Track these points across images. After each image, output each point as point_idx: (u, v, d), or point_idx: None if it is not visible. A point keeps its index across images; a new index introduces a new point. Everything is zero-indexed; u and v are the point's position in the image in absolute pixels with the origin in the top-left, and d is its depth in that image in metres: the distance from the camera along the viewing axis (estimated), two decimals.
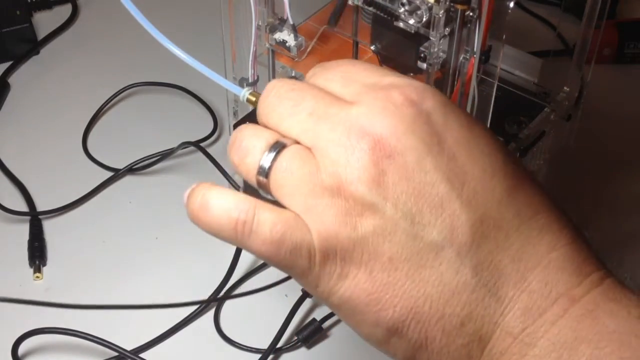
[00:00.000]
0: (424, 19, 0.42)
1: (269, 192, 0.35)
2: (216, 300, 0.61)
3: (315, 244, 0.33)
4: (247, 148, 0.35)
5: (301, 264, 0.33)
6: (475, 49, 0.43)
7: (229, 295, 0.62)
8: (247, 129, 0.36)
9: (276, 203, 0.35)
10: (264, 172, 0.34)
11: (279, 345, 0.58)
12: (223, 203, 0.34)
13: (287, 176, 0.34)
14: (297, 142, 0.35)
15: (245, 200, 0.34)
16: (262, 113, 0.36)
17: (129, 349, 0.57)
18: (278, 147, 0.34)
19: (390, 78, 0.36)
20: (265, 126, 0.36)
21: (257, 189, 0.35)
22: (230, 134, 0.70)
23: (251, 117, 0.56)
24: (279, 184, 0.34)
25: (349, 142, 0.33)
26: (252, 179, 0.35)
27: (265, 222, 0.33)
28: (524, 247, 0.33)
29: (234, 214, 0.34)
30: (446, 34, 0.43)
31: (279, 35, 0.51)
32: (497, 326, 0.33)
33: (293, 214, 0.34)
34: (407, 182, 0.33)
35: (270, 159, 0.34)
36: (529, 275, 0.33)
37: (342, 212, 0.33)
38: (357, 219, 0.33)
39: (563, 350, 0.32)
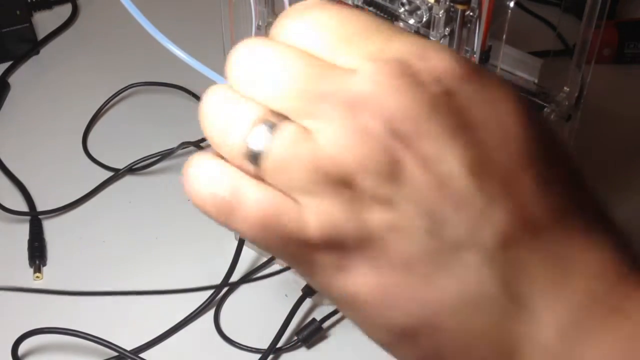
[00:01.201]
0: (424, 19, 0.42)
1: (259, 176, 0.29)
2: (228, 284, 0.61)
3: (311, 232, 0.28)
4: (227, 127, 0.30)
5: (293, 251, 0.29)
6: (475, 49, 0.43)
7: (244, 280, 0.62)
8: (222, 99, 0.30)
9: None
10: (254, 158, 0.28)
11: (279, 345, 0.58)
12: (204, 178, 0.30)
13: (282, 162, 0.28)
14: (286, 117, 0.28)
15: (227, 174, 0.29)
16: (235, 82, 0.30)
17: (129, 349, 0.57)
18: (267, 127, 0.28)
19: (397, 43, 0.29)
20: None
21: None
22: None
23: None
24: (272, 171, 0.28)
25: (355, 124, 0.27)
26: (238, 163, 0.29)
27: (250, 201, 0.28)
28: (558, 249, 0.29)
29: (217, 190, 0.29)
30: (446, 34, 0.43)
31: None
32: (526, 339, 0.29)
33: (284, 195, 0.28)
34: (425, 174, 0.27)
35: (260, 142, 0.28)
36: (565, 282, 0.29)
37: (349, 203, 0.28)
38: (367, 212, 0.28)
39: None
